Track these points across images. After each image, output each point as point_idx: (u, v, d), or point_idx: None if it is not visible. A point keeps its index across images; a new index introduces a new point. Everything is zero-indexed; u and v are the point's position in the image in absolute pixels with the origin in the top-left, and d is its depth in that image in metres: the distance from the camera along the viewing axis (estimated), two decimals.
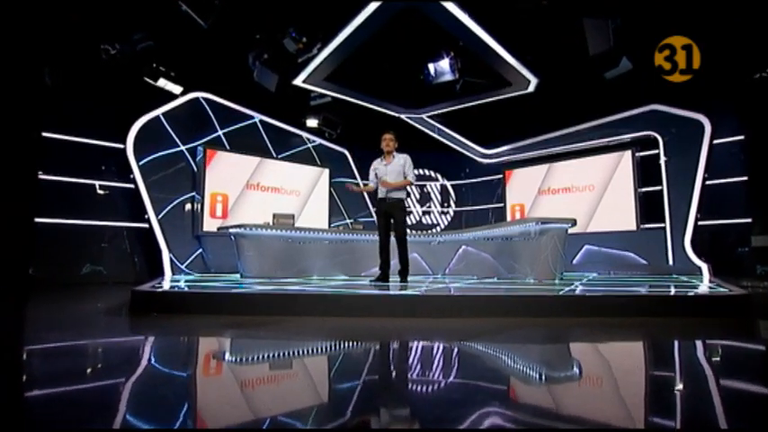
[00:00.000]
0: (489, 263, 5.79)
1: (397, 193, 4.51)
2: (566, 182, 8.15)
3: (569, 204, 8.03)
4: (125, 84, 6.66)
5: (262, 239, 5.39)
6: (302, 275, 5.62)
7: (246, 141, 7.95)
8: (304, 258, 5.69)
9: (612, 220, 7.39)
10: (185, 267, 6.99)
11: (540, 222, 4.86)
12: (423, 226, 9.85)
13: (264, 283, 4.39)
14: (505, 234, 5.46)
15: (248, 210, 7.74)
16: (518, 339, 2.57)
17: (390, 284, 4.33)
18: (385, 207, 4.53)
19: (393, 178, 4.50)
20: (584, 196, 7.89)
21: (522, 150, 8.80)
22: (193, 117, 7.40)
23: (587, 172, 7.88)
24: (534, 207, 8.54)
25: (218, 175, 7.46)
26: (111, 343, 2.54)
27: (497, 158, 9.20)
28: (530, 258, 5.00)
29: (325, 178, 8.96)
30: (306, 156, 8.83)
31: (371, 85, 7.43)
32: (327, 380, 1.85)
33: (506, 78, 6.79)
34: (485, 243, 5.92)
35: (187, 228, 7.25)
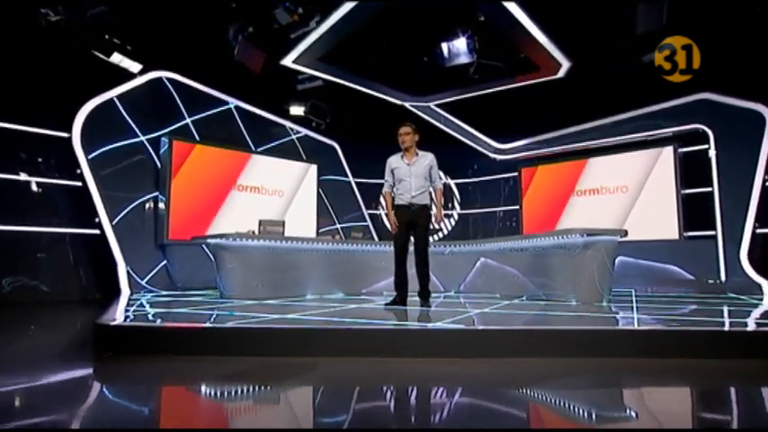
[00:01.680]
0: (516, 279, 5.66)
1: (423, 197, 4.38)
2: (594, 182, 7.99)
3: (597, 208, 7.87)
4: (70, 58, 6.24)
5: (246, 252, 5.19)
6: (294, 294, 5.48)
7: (220, 131, 7.65)
8: (296, 273, 5.55)
9: (650, 226, 7.21)
10: (146, 283, 6.63)
11: (585, 234, 4.69)
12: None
13: (255, 308, 4.15)
14: (539, 246, 5.27)
15: (223, 213, 7.44)
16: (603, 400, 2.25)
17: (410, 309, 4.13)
18: (409, 215, 4.35)
19: (418, 182, 4.35)
20: (615, 199, 7.73)
21: (543, 145, 8.63)
22: (156, 101, 7.03)
23: (619, 171, 7.72)
24: (556, 210, 8.37)
25: (186, 171, 7.11)
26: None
27: (513, 154, 9.02)
28: (571, 276, 4.82)
29: (312, 175, 8.74)
30: (289, 149, 8.61)
31: (373, 68, 7.22)
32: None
33: (534, 61, 6.56)
34: (511, 255, 5.78)
35: (148, 235, 6.88)
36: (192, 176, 7.17)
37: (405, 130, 4.42)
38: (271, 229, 5.36)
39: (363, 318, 3.54)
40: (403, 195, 4.37)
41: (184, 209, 7.05)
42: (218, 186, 7.46)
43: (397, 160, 4.47)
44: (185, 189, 7.09)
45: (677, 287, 6.71)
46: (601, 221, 7.58)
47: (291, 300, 5.08)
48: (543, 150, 8.61)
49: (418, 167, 4.37)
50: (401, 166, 4.42)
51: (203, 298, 5.34)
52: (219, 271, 5.22)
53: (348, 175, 9.46)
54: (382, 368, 2.63)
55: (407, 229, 4.40)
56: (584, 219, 7.83)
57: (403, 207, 4.38)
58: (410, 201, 4.33)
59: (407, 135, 4.39)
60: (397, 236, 4.42)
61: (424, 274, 4.39)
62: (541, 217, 8.50)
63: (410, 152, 4.42)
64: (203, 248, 7.09)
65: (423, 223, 4.37)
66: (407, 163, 4.39)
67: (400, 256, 4.42)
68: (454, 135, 8.91)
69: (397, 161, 4.46)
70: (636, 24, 5.21)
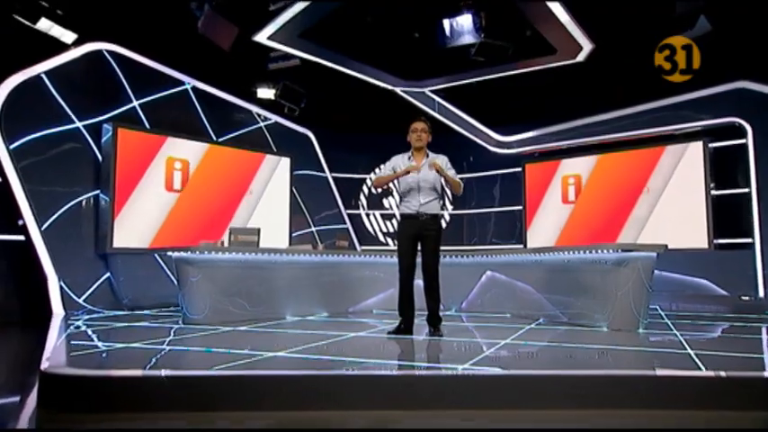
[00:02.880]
0: (531, 297, 5.61)
1: (432, 206, 4.28)
2: (610, 181, 7.90)
3: (615, 211, 7.79)
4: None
5: (215, 267, 5.06)
6: (272, 316, 5.40)
7: (174, 117, 7.41)
8: (272, 291, 5.49)
9: (674, 233, 7.16)
10: (85, 301, 6.31)
11: (619, 249, 4.64)
12: None
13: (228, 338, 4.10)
14: (561, 261, 5.22)
15: (179, 216, 7.20)
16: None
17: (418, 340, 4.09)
18: (417, 227, 4.22)
19: (429, 189, 4.25)
20: (629, 200, 7.66)
21: (553, 138, 8.53)
22: (95, 79, 6.74)
23: (639, 169, 7.65)
24: (564, 212, 8.28)
25: (133, 164, 6.85)
26: None
27: (517, 148, 8.94)
28: (601, 297, 4.74)
29: (284, 170, 8.57)
30: (257, 139, 8.45)
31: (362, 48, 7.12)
32: None
33: (551, 43, 6.48)
34: (524, 269, 5.75)
35: (87, 242, 6.57)
36: (140, 171, 6.91)
37: (421, 126, 4.28)
38: (243, 238, 5.23)
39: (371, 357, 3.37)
40: (410, 204, 4.26)
41: (132, 210, 6.79)
42: (171, 183, 7.20)
43: (405, 161, 4.34)
44: (133, 186, 6.82)
45: (706, 304, 6.69)
46: (613, 227, 7.53)
47: (270, 325, 4.95)
48: (551, 144, 8.54)
49: (428, 172, 4.24)
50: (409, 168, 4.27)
51: (161, 323, 5.14)
52: (182, 289, 5.04)
53: (325, 169, 9.35)
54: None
55: (414, 243, 4.27)
56: (599, 222, 7.76)
57: (410, 217, 4.26)
58: (418, 210, 4.22)
59: (424, 132, 4.28)
60: (402, 252, 4.29)
61: (434, 298, 4.29)
62: (548, 219, 8.43)
63: (421, 153, 4.32)
64: (156, 258, 6.91)
65: (433, 236, 4.25)
66: (416, 164, 4.26)
67: (406, 276, 4.28)
68: (449, 125, 8.82)
69: (405, 162, 4.33)
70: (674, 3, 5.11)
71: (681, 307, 6.58)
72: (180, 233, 7.02)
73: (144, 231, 6.83)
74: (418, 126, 4.27)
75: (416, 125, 4.28)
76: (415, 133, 4.26)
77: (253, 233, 5.31)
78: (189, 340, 4.06)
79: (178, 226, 7.11)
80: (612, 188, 7.88)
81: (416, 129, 4.26)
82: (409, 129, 4.31)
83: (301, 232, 8.74)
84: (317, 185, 9.21)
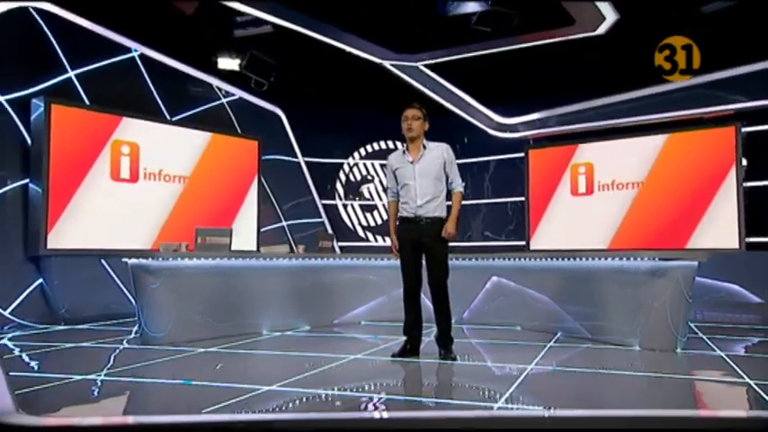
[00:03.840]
0: (546, 308, 5.65)
1: (434, 206, 4.26)
2: (627, 171, 7.86)
3: (632, 206, 7.75)
4: None
5: (180, 274, 5.01)
6: (246, 331, 5.40)
7: (119, 90, 7.22)
8: (247, 302, 5.51)
9: (700, 231, 7.13)
10: (11, 314, 6.13)
11: (656, 258, 4.62)
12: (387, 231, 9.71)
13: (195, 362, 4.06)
14: (583, 268, 5.22)
15: (129, 211, 7.03)
16: None
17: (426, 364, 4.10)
18: (416, 232, 4.22)
19: (427, 186, 4.22)
20: (654, 194, 7.61)
21: (563, 121, 8.50)
22: (21, 44, 6.52)
23: (661, 158, 7.60)
24: (573, 205, 8.25)
25: (70, 147, 6.61)
26: None
27: (520, 132, 8.90)
28: (631, 310, 4.72)
29: (250, 155, 8.42)
30: (219, 118, 8.36)
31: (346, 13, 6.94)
32: None
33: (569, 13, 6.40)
34: (537, 276, 5.78)
35: (14, 242, 6.36)
36: (79, 155, 6.69)
37: (412, 113, 4.22)
38: (212, 240, 5.18)
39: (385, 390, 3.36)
40: (407, 204, 4.25)
41: (71, 204, 6.57)
42: (118, 171, 7.01)
43: (399, 158, 4.32)
44: (70, 174, 6.60)
45: (737, 312, 6.73)
46: (641, 224, 7.51)
47: (246, 343, 4.90)
48: (560, 128, 8.52)
49: (426, 165, 4.21)
50: (404, 164, 4.27)
51: (115, 342, 5.02)
52: (140, 300, 4.92)
53: (297, 153, 9.27)
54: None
55: (416, 251, 4.25)
56: (616, 220, 7.74)
57: (407, 221, 4.25)
58: (415, 212, 4.19)
59: (416, 120, 4.22)
60: (404, 262, 4.27)
61: (444, 315, 4.26)
62: (560, 215, 8.38)
63: (416, 145, 4.27)
64: (101, 262, 6.76)
65: (438, 245, 4.20)
66: (411, 160, 4.25)
67: (411, 290, 4.27)
68: (444, 104, 8.76)
69: (399, 159, 4.31)
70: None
71: (708, 316, 6.57)
72: (131, 232, 6.92)
73: (86, 230, 6.64)
74: (408, 113, 4.21)
75: (407, 113, 4.23)
76: (405, 122, 4.21)
77: (223, 234, 5.26)
78: (157, 368, 3.91)
79: (128, 223, 6.98)
80: (631, 180, 7.84)
81: (406, 117, 4.21)
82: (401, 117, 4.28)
83: (270, 227, 8.65)
84: (288, 172, 9.11)
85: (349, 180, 9.57)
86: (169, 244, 5.16)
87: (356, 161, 9.59)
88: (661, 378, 3.62)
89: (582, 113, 8.36)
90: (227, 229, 5.36)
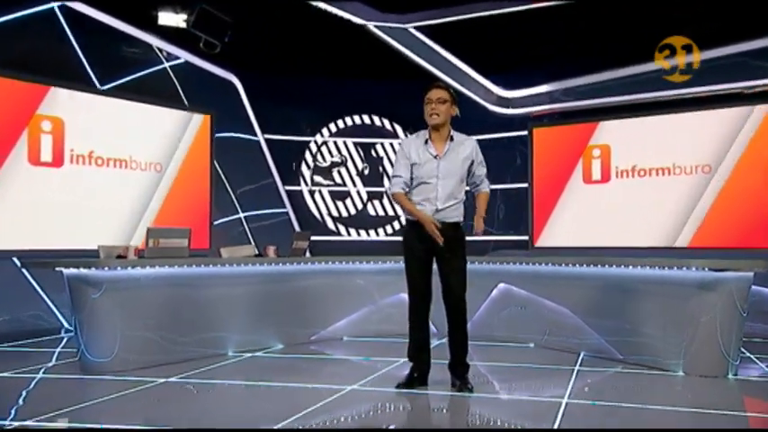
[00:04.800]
0: (566, 322, 5.70)
1: (454, 211, 4.29)
2: (651, 155, 7.89)
3: (654, 197, 7.78)
4: None
5: (129, 286, 4.98)
6: (208, 352, 5.41)
7: (36, 52, 7.10)
8: (208, 317, 5.51)
9: (737, 228, 7.21)
10: None
11: (705, 268, 4.60)
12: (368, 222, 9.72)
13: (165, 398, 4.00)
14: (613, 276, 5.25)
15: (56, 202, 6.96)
16: None
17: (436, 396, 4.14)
18: (431, 240, 4.18)
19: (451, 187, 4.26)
20: (684, 183, 7.65)
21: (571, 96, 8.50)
22: None
23: (693, 140, 7.62)
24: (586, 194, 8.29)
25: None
26: None
27: (524, 107, 8.88)
28: (673, 327, 4.76)
29: (200, 132, 8.44)
30: (161, 87, 8.20)
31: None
32: None
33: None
34: (555, 284, 5.83)
35: None
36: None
37: (438, 95, 4.20)
38: (167, 243, 5.17)
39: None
40: (422, 207, 4.22)
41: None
42: (38, 153, 6.93)
43: (419, 148, 4.27)
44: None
45: None
46: (667, 218, 7.58)
47: (212, 369, 4.89)
48: (570, 104, 8.50)
49: (454, 163, 4.21)
50: (426, 158, 4.23)
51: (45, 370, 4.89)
52: (78, 316, 4.88)
53: (256, 130, 9.15)
54: None
55: (428, 260, 4.27)
56: (635, 216, 7.79)
57: (421, 225, 4.19)
58: (433, 216, 4.19)
59: (442, 104, 4.19)
60: (412, 272, 4.27)
61: (461, 336, 4.25)
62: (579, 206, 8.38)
63: (441, 135, 4.25)
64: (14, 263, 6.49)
65: (456, 253, 4.21)
66: (435, 154, 4.22)
67: (420, 307, 4.27)
68: (435, 72, 8.73)
69: (419, 150, 4.26)
70: None
71: (758, 329, 6.48)
72: (56, 228, 6.81)
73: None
74: (433, 95, 4.19)
75: (431, 94, 4.20)
76: (429, 105, 4.19)
77: (181, 235, 5.24)
78: (109, 407, 3.78)
79: (51, 217, 6.87)
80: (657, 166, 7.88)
81: (430, 99, 4.19)
82: (424, 99, 4.26)
83: (225, 220, 8.58)
84: (245, 153, 9.02)
85: (317, 161, 9.46)
86: (112, 247, 5.09)
87: (326, 139, 9.46)
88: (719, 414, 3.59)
89: (600, 86, 8.30)
90: (185, 230, 5.32)
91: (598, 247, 7.89)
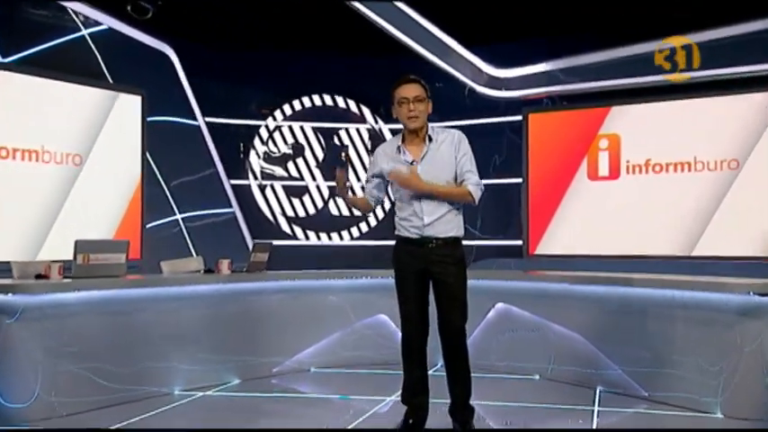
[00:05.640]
0: (577, 350, 5.77)
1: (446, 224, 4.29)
2: (668, 147, 7.90)
3: (671, 196, 7.79)
4: None
5: (52, 311, 4.97)
6: (151, 392, 5.43)
7: None
8: (148, 348, 5.54)
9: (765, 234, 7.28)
10: None
11: (750, 292, 4.63)
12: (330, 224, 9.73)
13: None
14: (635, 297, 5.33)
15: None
16: None
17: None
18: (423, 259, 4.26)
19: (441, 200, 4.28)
20: (706, 180, 7.68)
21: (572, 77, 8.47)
22: None
23: (718, 129, 7.61)
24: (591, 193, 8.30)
25: None
26: None
27: (519, 89, 8.85)
28: (709, 361, 4.80)
29: (129, 115, 8.34)
30: (79, 59, 7.99)
31: None
32: None
33: None
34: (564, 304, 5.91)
35: None
36: None
37: (413, 93, 4.18)
38: (100, 259, 5.11)
39: None
40: (408, 222, 4.26)
41: None
42: None
43: (392, 156, 4.32)
44: None
45: None
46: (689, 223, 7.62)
47: (157, 414, 4.90)
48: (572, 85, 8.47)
49: (434, 166, 4.22)
50: (400, 166, 4.25)
51: None
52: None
53: (195, 112, 9.02)
54: None
55: (422, 285, 4.26)
56: (654, 221, 7.81)
57: (409, 243, 4.26)
58: (422, 232, 4.20)
59: (420, 103, 4.19)
60: (404, 298, 4.31)
61: (462, 375, 4.29)
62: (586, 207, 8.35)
63: (418, 137, 4.27)
64: None
65: (454, 276, 4.22)
66: (410, 160, 4.25)
67: (414, 339, 4.30)
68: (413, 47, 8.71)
69: (392, 158, 4.31)
70: None
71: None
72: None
73: None
74: (408, 93, 4.15)
75: (404, 91, 4.16)
76: (404, 106, 4.15)
77: (117, 249, 5.20)
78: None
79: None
80: (673, 161, 7.88)
81: (407, 98, 4.14)
82: (393, 97, 4.22)
83: (159, 223, 8.43)
84: (182, 140, 8.86)
85: (269, 150, 9.37)
86: (28, 263, 5.11)
87: (279, 123, 9.39)
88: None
89: (611, 65, 8.28)
90: (122, 242, 5.26)
91: (603, 256, 7.90)
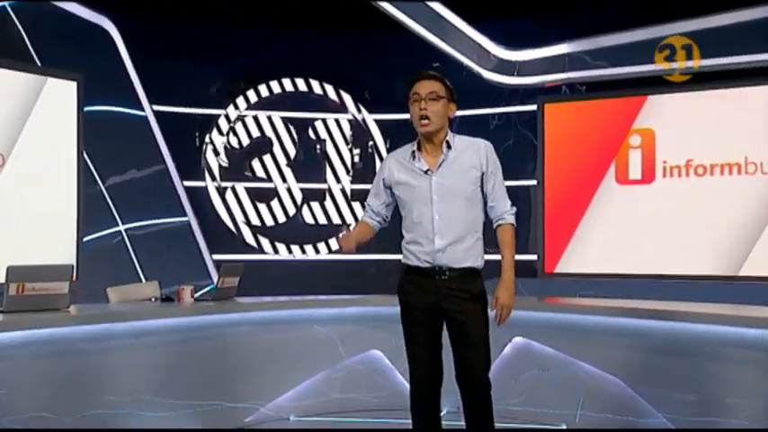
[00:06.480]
0: (612, 394, 5.80)
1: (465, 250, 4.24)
2: (711, 146, 8.00)
3: (715, 204, 7.91)
4: None
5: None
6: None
7: None
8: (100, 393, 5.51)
9: None
10: None
11: None
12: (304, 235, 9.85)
13: None
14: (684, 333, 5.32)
15: None
16: None
17: None
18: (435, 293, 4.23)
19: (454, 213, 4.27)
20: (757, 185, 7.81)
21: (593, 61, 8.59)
22: None
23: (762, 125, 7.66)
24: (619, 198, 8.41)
25: None
26: None
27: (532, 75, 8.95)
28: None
29: (62, 105, 8.42)
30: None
31: None
32: None
33: None
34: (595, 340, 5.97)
35: None
36: None
37: (429, 88, 4.19)
38: (39, 288, 5.10)
39: None
40: (417, 246, 4.23)
41: None
42: None
43: (404, 162, 4.33)
44: None
45: None
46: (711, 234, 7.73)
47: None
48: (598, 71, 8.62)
49: (453, 177, 4.20)
50: (412, 175, 4.27)
51: None
52: None
53: (141, 100, 9.00)
54: None
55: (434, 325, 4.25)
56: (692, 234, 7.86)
57: (417, 273, 4.24)
58: (433, 258, 4.16)
59: (434, 101, 4.16)
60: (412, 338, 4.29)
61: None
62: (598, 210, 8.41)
63: (434, 143, 4.25)
64: None
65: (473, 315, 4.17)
66: (425, 169, 4.22)
67: (425, 391, 4.27)
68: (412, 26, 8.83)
69: (404, 165, 4.33)
70: None
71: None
72: None
73: None
74: (422, 89, 4.16)
75: (417, 86, 4.18)
76: (416, 105, 4.15)
77: (59, 276, 5.16)
78: None
79: None
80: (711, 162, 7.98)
81: (418, 95, 4.15)
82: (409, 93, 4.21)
83: (98, 235, 8.41)
84: (126, 134, 8.88)
85: (230, 144, 9.41)
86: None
87: (242, 112, 9.43)
88: None
89: (645, 46, 8.39)
90: (64, 267, 5.22)
91: (632, 275, 7.98)
